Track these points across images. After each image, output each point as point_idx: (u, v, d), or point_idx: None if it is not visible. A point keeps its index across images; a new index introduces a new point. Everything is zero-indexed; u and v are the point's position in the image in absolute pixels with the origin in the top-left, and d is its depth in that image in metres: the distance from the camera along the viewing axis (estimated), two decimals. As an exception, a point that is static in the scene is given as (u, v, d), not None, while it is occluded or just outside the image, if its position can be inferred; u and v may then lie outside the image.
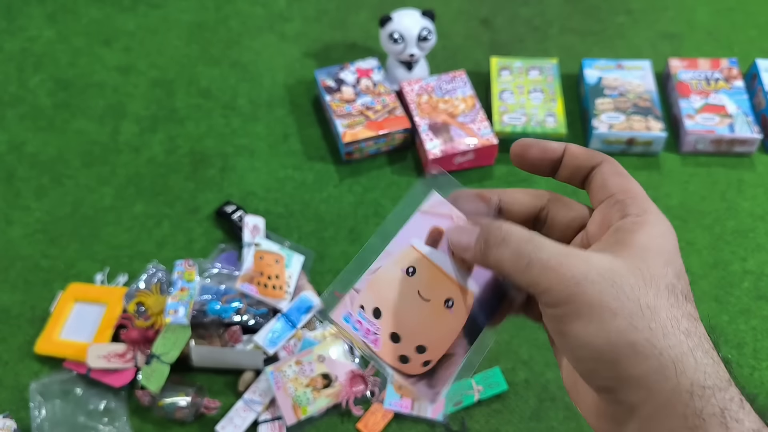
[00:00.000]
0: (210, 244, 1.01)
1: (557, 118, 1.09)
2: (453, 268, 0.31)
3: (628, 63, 1.15)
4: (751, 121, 1.07)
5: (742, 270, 0.97)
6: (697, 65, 1.15)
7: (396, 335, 0.31)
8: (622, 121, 1.07)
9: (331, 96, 1.12)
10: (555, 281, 0.26)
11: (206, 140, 1.13)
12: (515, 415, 0.86)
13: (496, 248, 0.27)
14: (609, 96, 1.11)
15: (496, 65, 1.16)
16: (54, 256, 1.01)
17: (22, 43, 1.28)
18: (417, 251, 0.32)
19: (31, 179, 1.10)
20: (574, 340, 0.26)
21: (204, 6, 1.32)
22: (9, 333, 0.94)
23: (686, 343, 0.25)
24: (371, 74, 1.14)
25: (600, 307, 0.25)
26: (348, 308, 0.31)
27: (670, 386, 0.24)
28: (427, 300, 0.31)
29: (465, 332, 0.31)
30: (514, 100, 1.11)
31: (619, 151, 1.09)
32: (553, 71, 1.15)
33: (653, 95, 1.11)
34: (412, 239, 0.32)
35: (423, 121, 1.07)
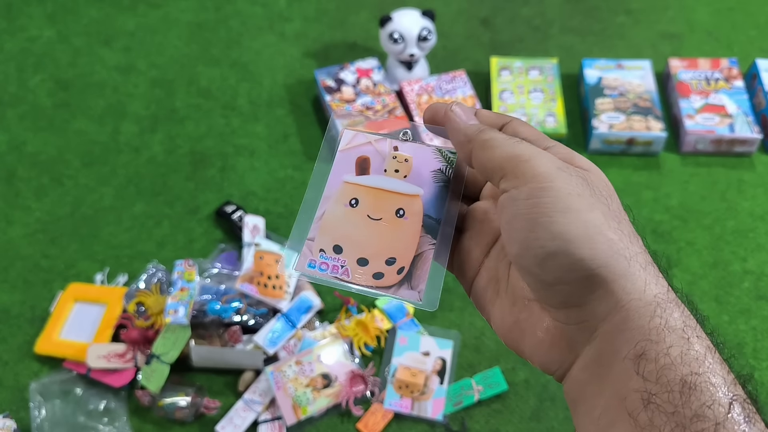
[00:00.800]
0: (210, 244, 1.01)
1: (557, 118, 1.09)
2: (390, 182, 0.34)
3: (629, 63, 1.15)
4: (751, 121, 1.07)
5: (742, 270, 0.97)
6: (698, 65, 1.15)
7: (363, 260, 0.32)
8: (622, 121, 1.07)
9: (331, 96, 1.12)
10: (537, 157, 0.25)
11: (206, 140, 1.13)
12: (515, 415, 0.86)
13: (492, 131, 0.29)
14: (609, 96, 1.11)
15: (496, 65, 1.16)
16: (54, 256, 1.01)
17: (22, 43, 1.28)
18: (352, 184, 0.34)
19: (31, 179, 1.10)
20: (546, 230, 0.24)
21: (204, 6, 1.32)
22: (9, 333, 0.94)
23: (646, 256, 0.25)
24: (371, 74, 1.14)
25: (578, 196, 0.24)
26: (309, 257, 0.33)
27: (638, 296, 0.24)
28: (378, 219, 0.33)
29: (425, 230, 0.33)
30: (514, 100, 1.11)
31: (620, 151, 1.09)
32: (553, 71, 1.15)
33: (653, 95, 1.11)
34: (344, 176, 0.34)
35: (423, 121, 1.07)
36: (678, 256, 0.98)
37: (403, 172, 0.34)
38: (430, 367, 0.88)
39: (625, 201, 0.28)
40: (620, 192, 0.28)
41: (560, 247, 0.24)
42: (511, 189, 0.26)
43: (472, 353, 0.90)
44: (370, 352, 0.90)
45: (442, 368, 0.88)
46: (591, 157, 1.09)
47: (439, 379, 0.87)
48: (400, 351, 0.89)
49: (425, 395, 0.86)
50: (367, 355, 0.90)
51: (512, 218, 0.25)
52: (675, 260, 0.98)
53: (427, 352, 0.89)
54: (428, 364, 0.88)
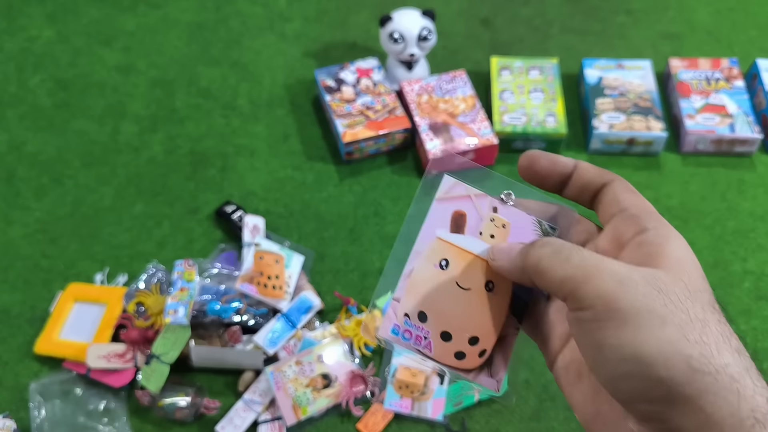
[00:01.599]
0: (210, 244, 1.01)
1: (557, 118, 1.09)
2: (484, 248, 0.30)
3: (629, 63, 1.15)
4: (751, 121, 1.07)
5: (742, 270, 0.97)
6: (698, 65, 1.15)
7: (446, 334, 0.30)
8: (622, 121, 1.07)
9: (331, 96, 1.12)
10: (595, 276, 0.23)
11: (206, 140, 1.13)
12: (515, 415, 0.86)
13: (539, 248, 0.26)
14: (609, 96, 1.11)
15: (497, 65, 1.16)
16: (54, 256, 1.01)
17: (21, 43, 1.28)
18: (444, 242, 0.31)
19: (31, 179, 1.10)
20: (616, 352, 0.22)
21: (204, 6, 1.32)
22: (9, 333, 0.94)
23: (741, 362, 0.23)
24: (371, 74, 1.14)
25: (648, 313, 0.22)
26: (393, 320, 0.31)
27: (730, 411, 0.22)
28: (467, 289, 0.30)
29: (512, 310, 0.30)
30: (514, 100, 1.11)
31: (620, 151, 1.09)
32: (553, 71, 1.15)
33: (654, 95, 1.11)
34: (437, 231, 0.31)
35: (423, 121, 1.07)
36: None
37: (498, 238, 0.30)
38: (430, 367, 0.87)
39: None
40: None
41: (632, 370, 0.22)
42: (575, 310, 0.24)
43: (472, 353, 0.90)
44: (370, 353, 0.90)
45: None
46: (591, 158, 1.09)
47: (440, 379, 0.87)
48: (400, 351, 0.89)
49: (425, 395, 0.86)
50: (367, 356, 0.90)
51: (580, 338, 0.24)
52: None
53: (427, 353, 0.89)
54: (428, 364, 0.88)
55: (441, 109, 1.08)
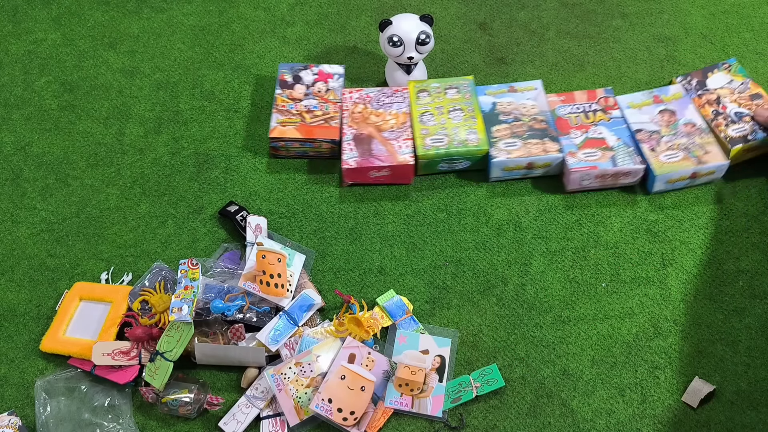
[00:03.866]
0: (213, 243, 1.03)
1: (479, 134, 1.06)
2: (362, 371, 0.86)
3: (520, 85, 1.13)
4: (632, 151, 1.04)
5: (736, 269, 0.98)
6: (574, 98, 1.12)
7: (340, 409, 0.85)
8: (519, 146, 1.04)
9: (282, 90, 1.13)
10: None
11: (210, 142, 1.15)
12: (512, 411, 0.87)
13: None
14: (504, 122, 1.08)
15: (414, 89, 1.13)
16: (60, 256, 1.02)
17: (27, 46, 1.29)
18: (345, 368, 0.88)
19: (37, 180, 1.11)
20: None
21: (207, 10, 1.34)
22: (15, 331, 0.95)
23: None
24: (330, 80, 1.15)
25: None
26: (317, 401, 0.85)
27: None
28: (352, 389, 0.86)
29: (372, 400, 0.87)
30: (434, 122, 1.08)
31: (521, 176, 1.07)
32: (469, 88, 1.12)
33: (548, 115, 1.08)
34: (342, 362, 0.88)
35: (350, 131, 1.08)
36: (673, 255, 1.00)
37: (369, 367, 0.88)
38: (429, 365, 0.89)
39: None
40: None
41: None
42: None
43: (469, 350, 0.91)
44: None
45: (441, 366, 0.89)
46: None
47: (438, 377, 0.88)
48: (400, 350, 0.90)
49: (425, 393, 0.87)
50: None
51: None
52: (670, 259, 0.99)
53: (426, 350, 0.91)
54: (428, 362, 0.89)
55: (371, 122, 1.08)
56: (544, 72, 1.23)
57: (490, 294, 0.96)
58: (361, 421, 0.85)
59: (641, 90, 1.16)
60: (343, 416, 0.84)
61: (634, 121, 1.08)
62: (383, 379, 0.87)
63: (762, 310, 0.94)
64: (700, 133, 1.06)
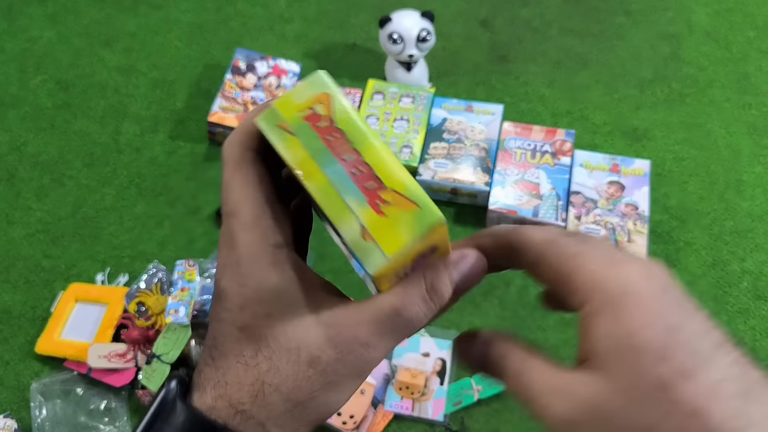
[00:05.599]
0: (211, 244, 1.02)
1: (413, 150, 1.03)
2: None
3: (479, 106, 1.09)
4: (561, 205, 0.97)
5: (740, 270, 0.97)
6: (530, 133, 1.05)
7: (339, 412, 0.76)
8: (448, 169, 1.00)
9: (233, 76, 1.13)
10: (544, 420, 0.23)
11: (207, 141, 1.14)
12: (515, 414, 0.86)
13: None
14: (446, 140, 1.04)
15: (371, 88, 1.11)
16: (55, 256, 1.01)
17: (23, 44, 1.28)
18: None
19: (33, 180, 1.10)
20: None
21: (204, 7, 1.33)
22: (10, 333, 0.95)
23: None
24: (284, 76, 1.14)
25: None
26: None
27: None
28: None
29: (372, 403, 0.85)
30: (377, 127, 1.06)
31: (447, 200, 1.02)
32: (425, 101, 1.09)
33: (492, 145, 1.03)
34: None
35: None
36: (677, 256, 0.99)
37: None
38: (430, 368, 0.88)
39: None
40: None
41: None
42: None
43: (471, 353, 0.90)
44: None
45: (442, 369, 0.88)
46: None
47: (440, 380, 0.87)
48: (400, 352, 0.89)
49: (426, 396, 0.86)
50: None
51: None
52: (674, 260, 0.98)
53: (427, 353, 0.90)
54: (428, 365, 0.88)
55: None
56: (547, 70, 1.22)
57: (492, 296, 0.95)
58: (361, 425, 0.84)
59: (642, 89, 1.15)
60: (342, 420, 0.83)
61: (578, 182, 1.00)
62: (383, 383, 0.86)
63: (767, 311, 0.93)
64: (637, 218, 0.96)
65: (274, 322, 0.24)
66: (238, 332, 0.24)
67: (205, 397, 0.24)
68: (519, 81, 1.20)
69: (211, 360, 0.25)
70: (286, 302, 0.24)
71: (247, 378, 0.24)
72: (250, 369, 0.24)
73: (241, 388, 0.24)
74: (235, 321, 0.24)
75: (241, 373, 0.24)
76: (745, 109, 1.15)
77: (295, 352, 0.24)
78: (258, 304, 0.24)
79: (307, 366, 0.24)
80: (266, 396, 0.24)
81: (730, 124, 1.13)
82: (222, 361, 0.24)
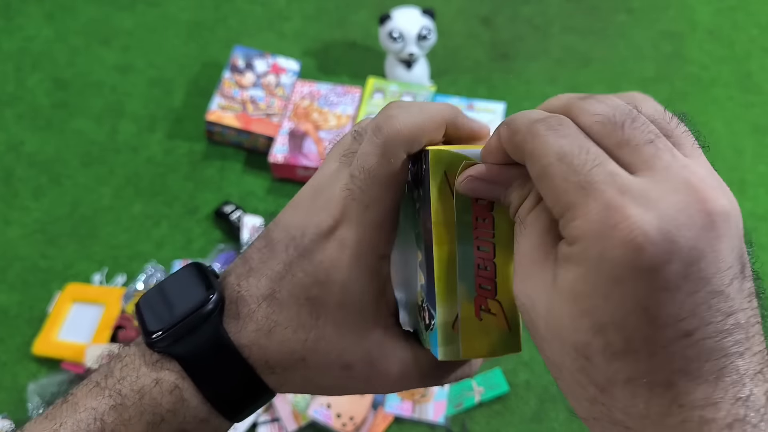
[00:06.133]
0: (209, 244, 1.01)
1: None
2: None
3: (480, 104, 1.08)
4: None
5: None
6: None
7: (339, 414, 0.82)
8: None
9: (231, 74, 1.11)
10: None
11: (205, 140, 1.13)
12: (516, 416, 0.85)
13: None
14: None
15: (372, 86, 1.10)
16: (52, 257, 1.01)
17: (20, 43, 1.27)
18: None
19: (30, 179, 1.09)
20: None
21: (203, 4, 1.32)
22: (7, 334, 0.94)
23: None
24: (283, 74, 1.13)
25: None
26: (316, 407, 0.83)
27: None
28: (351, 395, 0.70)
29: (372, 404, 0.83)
30: None
31: None
32: (426, 99, 1.09)
33: None
34: None
35: (289, 125, 1.06)
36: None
37: None
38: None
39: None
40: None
41: None
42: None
43: (472, 354, 0.90)
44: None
45: (442, 369, 0.88)
46: None
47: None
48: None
49: (426, 398, 0.85)
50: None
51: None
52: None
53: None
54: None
55: (311, 119, 1.07)
56: (549, 68, 1.21)
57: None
58: (361, 427, 0.83)
59: (644, 88, 1.14)
60: (342, 422, 0.82)
61: None
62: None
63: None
64: None
65: (339, 313, 0.24)
66: (305, 300, 0.24)
67: (242, 334, 0.24)
68: (520, 79, 1.19)
69: (265, 303, 0.24)
70: (358, 308, 0.24)
71: (289, 345, 0.24)
72: (295, 337, 0.24)
73: (281, 349, 0.24)
74: (309, 289, 0.24)
75: (288, 335, 0.24)
76: (748, 108, 1.14)
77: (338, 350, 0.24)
78: (336, 294, 0.24)
79: (340, 367, 0.25)
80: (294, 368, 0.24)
81: (733, 123, 1.12)
82: (276, 313, 0.24)
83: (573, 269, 0.19)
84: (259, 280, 0.25)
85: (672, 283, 0.17)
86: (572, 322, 0.19)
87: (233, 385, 0.24)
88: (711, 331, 0.18)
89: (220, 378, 0.24)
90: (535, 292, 0.20)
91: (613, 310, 0.18)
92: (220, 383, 0.24)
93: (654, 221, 0.17)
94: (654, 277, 0.17)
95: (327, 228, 0.24)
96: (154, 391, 0.24)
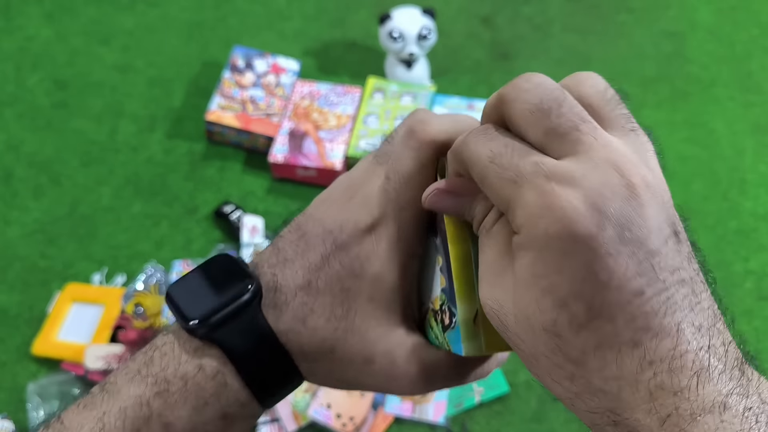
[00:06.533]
0: (208, 244, 1.01)
1: None
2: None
3: (481, 104, 1.07)
4: None
5: (744, 270, 0.96)
6: None
7: (339, 414, 0.82)
8: None
9: (231, 74, 1.11)
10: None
11: (205, 139, 1.13)
12: (516, 416, 0.85)
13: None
14: None
15: (372, 86, 1.10)
16: (52, 257, 1.01)
17: (19, 42, 1.27)
18: None
19: (29, 179, 1.09)
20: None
21: (202, 4, 1.32)
22: (6, 334, 0.94)
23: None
24: (283, 74, 1.13)
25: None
26: (316, 407, 0.82)
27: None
28: (351, 394, 0.81)
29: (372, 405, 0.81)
30: (377, 125, 1.05)
31: None
32: (426, 99, 1.09)
33: None
34: None
35: (288, 124, 1.06)
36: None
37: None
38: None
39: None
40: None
41: None
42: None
43: (472, 354, 0.90)
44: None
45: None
46: None
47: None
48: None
49: (426, 398, 0.85)
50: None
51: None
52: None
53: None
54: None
55: (311, 119, 1.06)
56: (549, 67, 1.21)
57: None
58: (361, 427, 0.83)
59: (645, 87, 1.14)
60: (342, 422, 0.82)
61: None
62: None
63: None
64: None
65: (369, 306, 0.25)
66: (339, 291, 0.25)
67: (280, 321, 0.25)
68: (520, 79, 1.19)
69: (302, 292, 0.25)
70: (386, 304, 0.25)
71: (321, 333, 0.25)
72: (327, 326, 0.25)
73: (313, 336, 0.25)
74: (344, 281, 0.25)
75: (321, 323, 0.25)
76: (749, 107, 1.14)
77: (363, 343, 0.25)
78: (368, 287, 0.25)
79: (362, 360, 0.25)
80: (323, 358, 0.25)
81: (734, 122, 1.12)
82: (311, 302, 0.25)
83: (525, 254, 0.20)
84: (296, 270, 0.26)
85: (612, 247, 0.19)
86: (537, 305, 0.20)
87: (272, 370, 0.25)
88: (659, 288, 0.19)
89: (260, 364, 0.25)
90: (502, 293, 0.21)
91: (570, 282, 0.19)
92: (260, 369, 0.25)
93: (581, 197, 0.19)
94: (594, 244, 0.19)
95: (365, 226, 0.25)
96: (198, 377, 0.24)
